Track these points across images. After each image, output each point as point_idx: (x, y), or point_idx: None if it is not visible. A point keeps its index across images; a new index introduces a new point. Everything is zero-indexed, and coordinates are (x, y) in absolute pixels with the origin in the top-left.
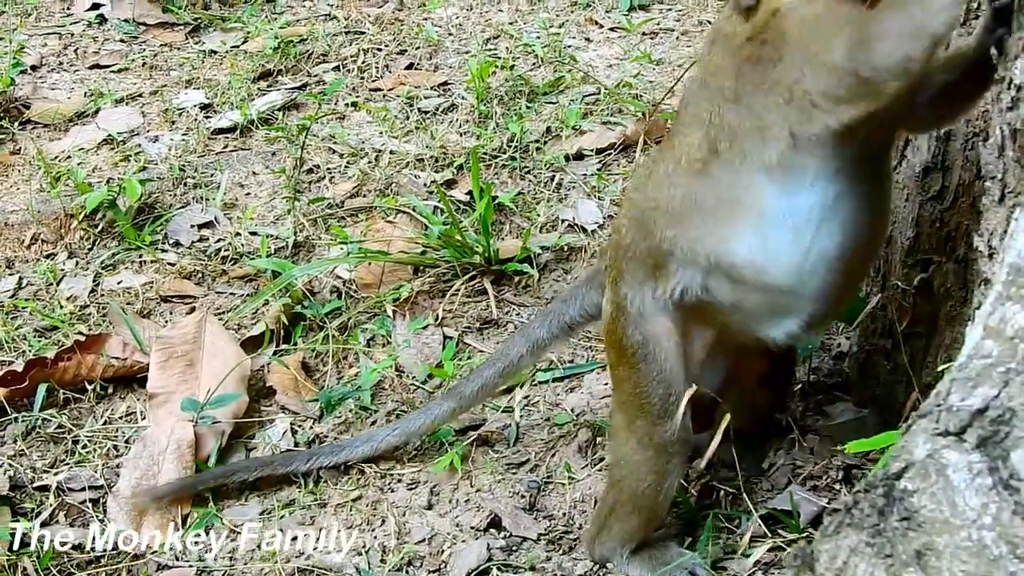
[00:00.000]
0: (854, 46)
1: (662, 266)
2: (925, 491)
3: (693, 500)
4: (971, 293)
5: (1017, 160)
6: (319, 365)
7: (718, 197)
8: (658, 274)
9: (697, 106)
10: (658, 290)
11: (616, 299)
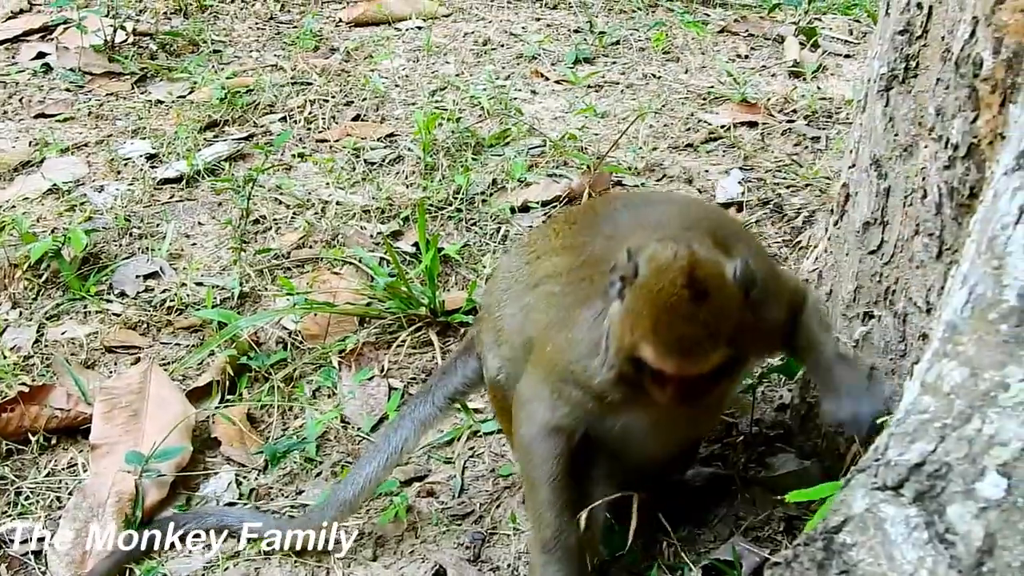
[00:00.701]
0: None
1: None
2: (863, 544)
3: (638, 551)
4: (910, 347)
5: (954, 218)
6: (264, 416)
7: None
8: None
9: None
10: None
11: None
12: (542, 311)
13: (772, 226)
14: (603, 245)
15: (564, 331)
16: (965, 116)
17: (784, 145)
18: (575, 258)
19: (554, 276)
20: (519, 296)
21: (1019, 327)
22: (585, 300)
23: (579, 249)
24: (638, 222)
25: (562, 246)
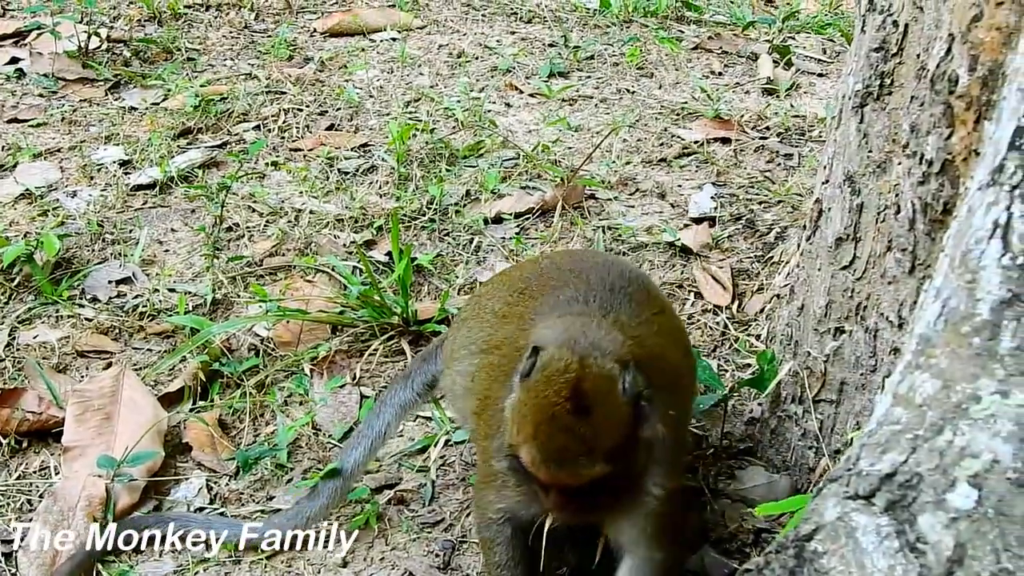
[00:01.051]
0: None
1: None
2: (835, 552)
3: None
4: (880, 362)
5: (927, 233)
6: (236, 422)
7: None
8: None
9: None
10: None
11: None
12: (483, 381)
13: (744, 241)
14: (529, 323)
15: (492, 410)
16: (940, 132)
17: (757, 161)
18: (515, 330)
19: (498, 347)
20: (471, 355)
21: (992, 340)
22: (507, 381)
23: (519, 321)
24: (561, 299)
25: (508, 314)
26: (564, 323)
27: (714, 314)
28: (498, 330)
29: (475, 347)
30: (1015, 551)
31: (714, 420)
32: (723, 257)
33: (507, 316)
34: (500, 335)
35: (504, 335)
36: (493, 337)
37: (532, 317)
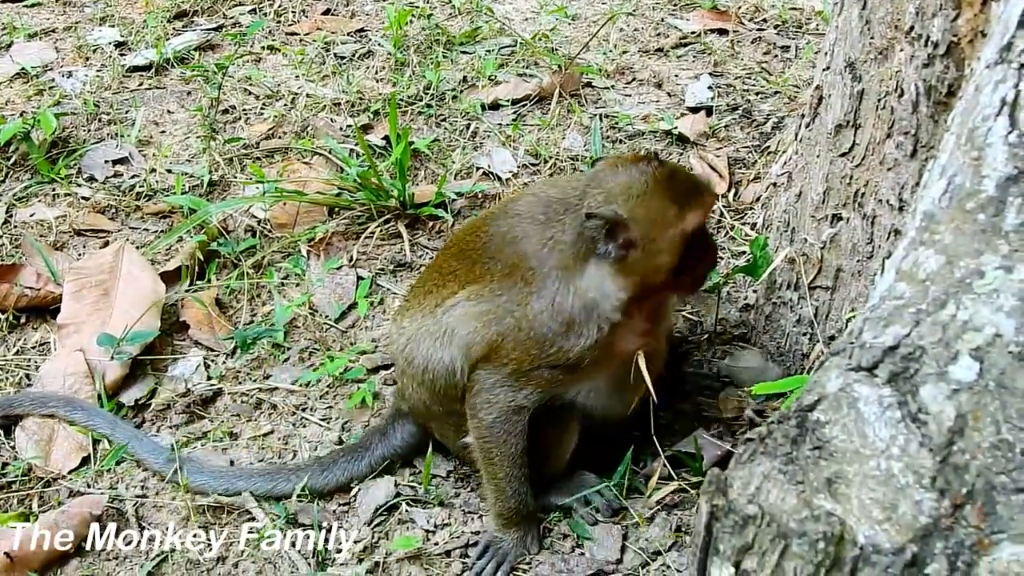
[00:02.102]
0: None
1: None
2: (837, 422)
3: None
4: (877, 248)
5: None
6: (233, 302)
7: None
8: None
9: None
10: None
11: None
12: (482, 324)
13: (741, 131)
14: (508, 255)
15: (523, 329)
16: (946, 14)
17: (754, 53)
18: (488, 279)
19: (475, 297)
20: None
21: (996, 217)
22: (529, 298)
23: (487, 270)
24: (516, 222)
25: (466, 280)
26: (530, 219)
27: None
28: (466, 292)
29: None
30: (1015, 423)
31: (708, 306)
32: (720, 146)
33: (467, 281)
34: (471, 293)
35: (477, 290)
36: (463, 297)
37: (499, 256)
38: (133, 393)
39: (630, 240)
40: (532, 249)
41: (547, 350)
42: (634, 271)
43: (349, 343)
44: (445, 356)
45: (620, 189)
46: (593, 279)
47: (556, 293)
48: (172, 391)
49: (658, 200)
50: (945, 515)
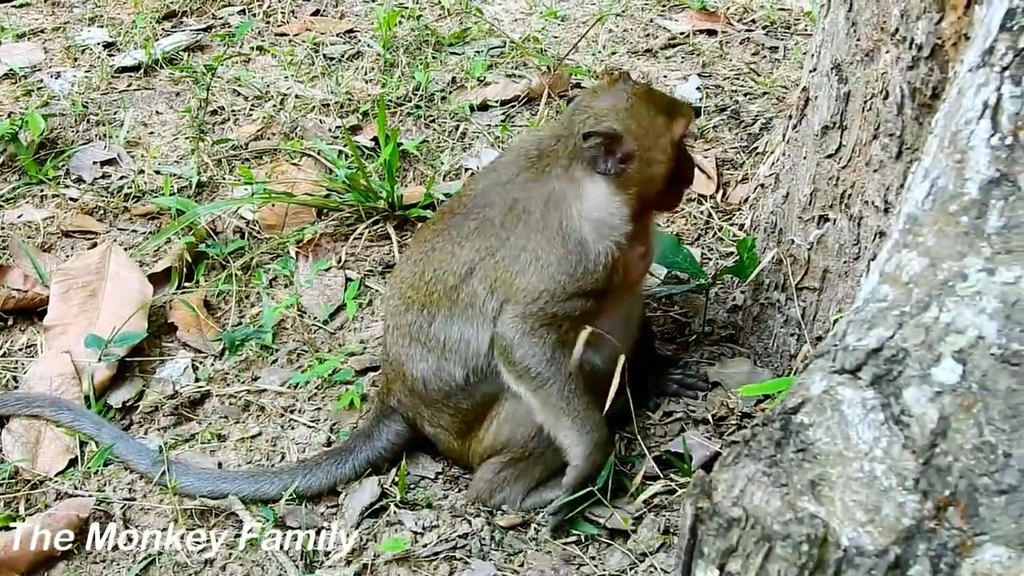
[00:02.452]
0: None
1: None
2: (821, 425)
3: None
4: (864, 249)
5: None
6: (221, 304)
7: None
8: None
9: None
10: None
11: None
12: (498, 274)
13: (729, 132)
14: (504, 198)
15: (541, 259)
16: (930, 17)
17: (742, 54)
18: (488, 228)
19: (483, 251)
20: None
21: (979, 219)
22: (531, 236)
23: (485, 218)
24: (503, 169)
25: (464, 243)
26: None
27: (699, 203)
28: (469, 249)
29: (450, 287)
30: (997, 425)
31: (697, 308)
32: (708, 147)
33: (467, 239)
34: (478, 247)
35: (482, 244)
36: (472, 256)
37: (483, 213)
38: (121, 395)
39: (628, 153)
40: (527, 184)
41: (572, 274)
42: (632, 183)
43: (338, 344)
44: (471, 322)
45: (608, 108)
46: (594, 199)
47: (562, 218)
48: (160, 393)
49: (646, 111)
50: (928, 517)
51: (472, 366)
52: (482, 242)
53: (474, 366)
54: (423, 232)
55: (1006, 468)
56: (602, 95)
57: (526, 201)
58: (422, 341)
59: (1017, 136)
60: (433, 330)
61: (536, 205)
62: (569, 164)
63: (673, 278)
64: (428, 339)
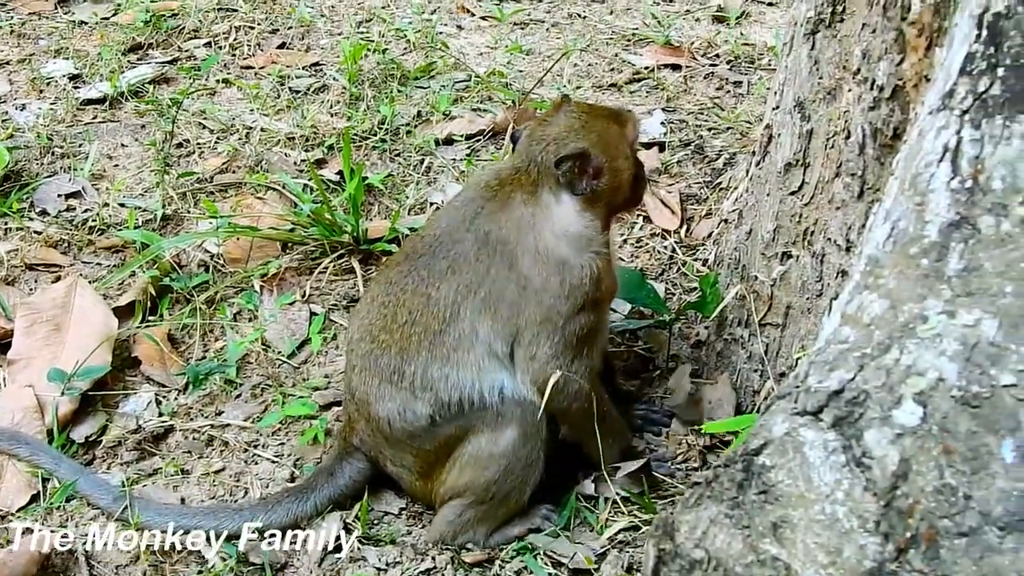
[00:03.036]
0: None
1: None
2: (782, 467)
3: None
4: (826, 286)
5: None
6: (185, 337)
7: None
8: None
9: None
10: None
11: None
12: (490, 311)
13: (693, 167)
14: (472, 233)
15: (529, 295)
16: (891, 59)
17: (707, 88)
18: (463, 265)
19: (463, 289)
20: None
21: (939, 262)
22: (512, 264)
23: (458, 255)
24: (464, 206)
25: (440, 284)
26: (457, 212)
27: (663, 238)
28: (449, 288)
29: (440, 327)
30: (958, 467)
31: (660, 343)
32: (672, 182)
33: (443, 281)
34: (459, 286)
35: (464, 280)
36: (455, 295)
37: (453, 252)
38: (84, 429)
39: (598, 167)
40: (495, 215)
41: (562, 293)
42: (603, 196)
43: (302, 379)
44: (455, 365)
45: (568, 130)
46: (565, 218)
47: (538, 241)
48: (123, 427)
49: (601, 124)
50: (889, 559)
51: (442, 406)
52: (460, 279)
53: (445, 406)
54: (386, 273)
55: (967, 510)
56: (553, 122)
57: (497, 231)
58: (394, 382)
59: (977, 179)
60: (409, 372)
61: (509, 233)
62: (534, 190)
63: (637, 313)
64: (402, 379)
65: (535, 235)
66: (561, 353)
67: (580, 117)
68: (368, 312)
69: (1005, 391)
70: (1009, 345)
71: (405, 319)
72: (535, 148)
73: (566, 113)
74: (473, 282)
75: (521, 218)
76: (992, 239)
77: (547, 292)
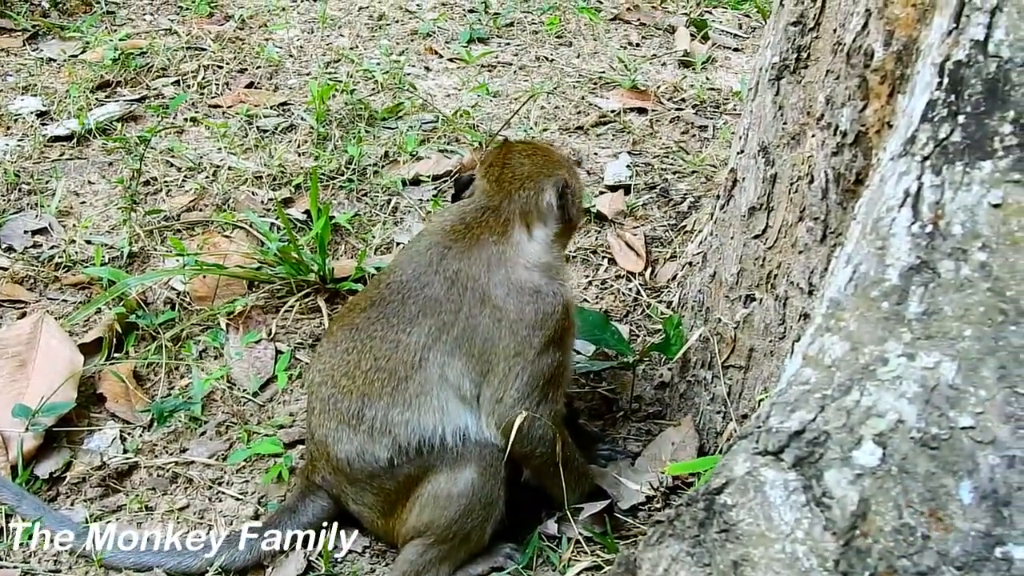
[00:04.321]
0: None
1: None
2: (744, 506)
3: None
4: (789, 329)
5: (839, 203)
6: (151, 375)
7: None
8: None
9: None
10: None
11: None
12: (461, 351)
13: (658, 210)
14: (440, 274)
15: (502, 327)
16: (855, 105)
17: (672, 132)
18: (434, 306)
19: (435, 330)
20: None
21: (900, 305)
22: (485, 299)
23: (428, 296)
24: (429, 249)
25: (411, 329)
26: (418, 255)
27: (627, 280)
28: (419, 331)
29: (407, 365)
30: (917, 507)
31: (624, 384)
32: (637, 224)
33: (412, 323)
34: (429, 330)
35: (435, 323)
36: (424, 337)
37: (422, 294)
38: (48, 466)
39: (574, 194)
40: (463, 254)
41: (535, 324)
42: (573, 223)
43: (267, 417)
44: (417, 409)
45: (543, 165)
46: (534, 250)
47: (510, 273)
48: (87, 464)
49: (557, 156)
50: None
51: (401, 449)
52: (432, 321)
53: (404, 449)
54: (350, 319)
55: (925, 550)
56: (515, 162)
57: (468, 269)
58: (353, 426)
59: (937, 224)
60: (369, 416)
61: (479, 270)
62: (504, 229)
63: (601, 355)
64: (361, 423)
65: (507, 269)
66: (528, 396)
67: (537, 154)
68: (331, 356)
69: (963, 433)
70: (968, 388)
71: (370, 365)
72: (510, 187)
73: (520, 153)
74: (446, 323)
75: (491, 255)
76: (952, 283)
77: (522, 322)
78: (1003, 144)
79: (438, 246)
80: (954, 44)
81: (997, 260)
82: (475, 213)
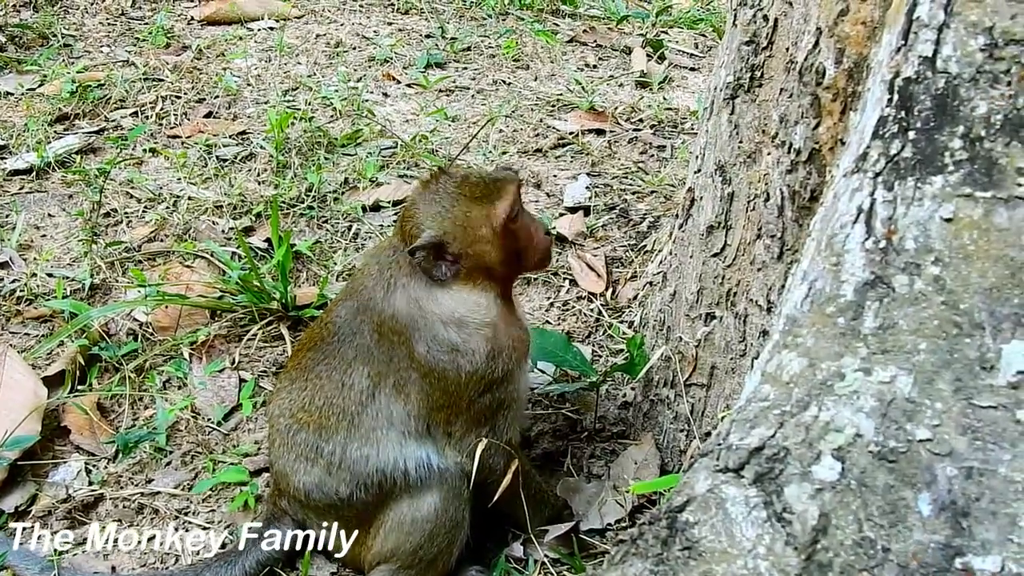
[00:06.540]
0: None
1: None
2: (705, 523)
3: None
4: (749, 346)
5: (795, 220)
6: (115, 406)
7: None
8: None
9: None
10: None
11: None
12: (402, 397)
13: (618, 230)
14: (369, 320)
15: (432, 385)
16: (807, 123)
17: (630, 153)
18: (366, 352)
19: (374, 376)
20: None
21: (855, 320)
22: (411, 356)
23: (361, 342)
24: (361, 291)
25: (352, 372)
26: (358, 299)
27: (588, 301)
28: (358, 378)
29: (357, 406)
30: (876, 520)
31: (588, 405)
32: (597, 245)
33: (352, 365)
34: (366, 375)
35: (371, 371)
36: (362, 383)
37: (346, 348)
38: (13, 500)
39: (456, 253)
40: (382, 304)
41: (463, 381)
42: (478, 274)
43: (232, 446)
44: (374, 444)
45: (425, 215)
46: (449, 301)
47: (428, 331)
48: (53, 497)
49: (461, 208)
50: None
51: (360, 483)
52: (369, 368)
53: (364, 483)
54: (300, 356)
55: (885, 563)
56: (419, 200)
57: (391, 322)
58: (311, 459)
59: (890, 240)
60: (327, 449)
61: (402, 322)
62: (412, 271)
63: (564, 376)
64: (319, 456)
65: (425, 323)
66: (474, 431)
67: (443, 199)
68: (289, 393)
69: (921, 445)
70: (924, 401)
71: (323, 401)
72: (405, 227)
73: (432, 192)
74: (381, 372)
75: (409, 305)
76: (906, 297)
77: (447, 380)
78: (953, 159)
79: (363, 291)
80: (903, 60)
81: (950, 274)
82: (388, 253)
